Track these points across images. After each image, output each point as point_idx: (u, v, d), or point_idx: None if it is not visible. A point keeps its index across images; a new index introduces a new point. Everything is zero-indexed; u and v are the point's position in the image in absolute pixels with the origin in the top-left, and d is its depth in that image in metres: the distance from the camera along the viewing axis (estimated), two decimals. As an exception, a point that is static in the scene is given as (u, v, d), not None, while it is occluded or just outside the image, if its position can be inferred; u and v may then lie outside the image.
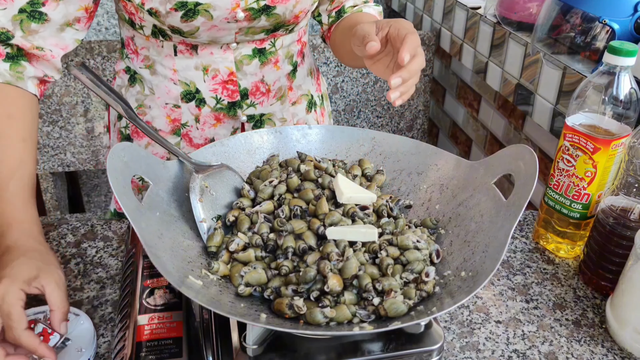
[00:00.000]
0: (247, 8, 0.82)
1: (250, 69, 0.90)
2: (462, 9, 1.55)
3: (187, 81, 0.89)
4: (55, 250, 0.85)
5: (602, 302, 0.80)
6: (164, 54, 0.88)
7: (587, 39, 1.03)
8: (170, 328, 0.64)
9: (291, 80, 0.96)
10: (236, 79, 0.89)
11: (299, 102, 0.99)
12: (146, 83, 0.92)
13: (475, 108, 1.68)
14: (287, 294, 0.58)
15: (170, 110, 0.92)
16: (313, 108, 1.03)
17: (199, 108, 0.91)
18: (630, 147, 0.74)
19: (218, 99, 0.90)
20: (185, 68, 0.88)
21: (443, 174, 0.72)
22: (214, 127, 0.93)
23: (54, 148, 1.70)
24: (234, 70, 0.88)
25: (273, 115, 0.96)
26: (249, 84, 0.91)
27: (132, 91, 0.94)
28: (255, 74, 0.91)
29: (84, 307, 0.75)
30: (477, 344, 0.72)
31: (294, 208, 0.66)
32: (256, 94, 0.92)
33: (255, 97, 0.92)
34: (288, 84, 0.96)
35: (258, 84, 0.92)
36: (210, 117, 0.92)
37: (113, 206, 1.07)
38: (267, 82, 0.93)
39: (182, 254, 0.61)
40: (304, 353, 0.57)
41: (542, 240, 0.91)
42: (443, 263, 0.64)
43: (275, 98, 0.95)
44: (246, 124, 0.94)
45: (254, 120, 0.94)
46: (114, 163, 0.58)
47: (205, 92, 0.90)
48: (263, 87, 0.92)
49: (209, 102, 0.91)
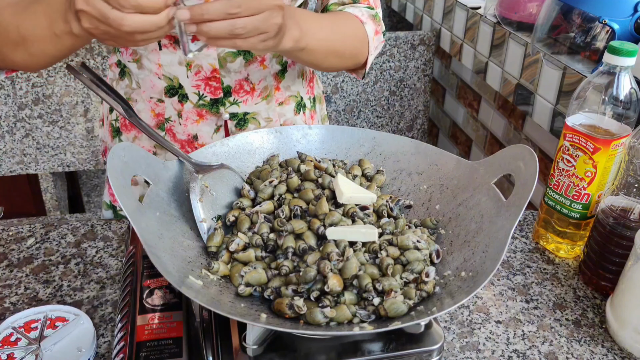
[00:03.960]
0: None
1: (234, 67, 0.89)
2: (462, 9, 1.55)
3: (171, 76, 0.89)
4: (55, 250, 0.86)
5: (602, 302, 0.80)
6: (150, 48, 0.88)
7: (587, 39, 1.03)
8: (170, 328, 0.64)
9: (279, 80, 0.95)
10: (219, 76, 0.89)
11: (287, 103, 0.98)
12: (134, 77, 0.92)
13: (475, 108, 1.68)
14: (287, 294, 0.58)
15: (155, 104, 0.92)
16: (302, 110, 1.01)
17: (181, 103, 0.90)
18: (630, 147, 0.74)
19: (201, 95, 0.90)
20: (170, 63, 0.88)
21: (443, 174, 0.72)
22: (196, 123, 0.92)
23: (54, 148, 1.70)
24: (217, 67, 0.88)
25: (258, 114, 0.94)
26: (232, 82, 0.90)
27: (122, 84, 0.94)
28: (240, 72, 0.90)
29: (84, 307, 0.75)
30: (477, 344, 0.72)
31: (294, 208, 0.66)
32: (239, 92, 0.91)
33: (238, 95, 0.91)
34: (275, 84, 0.94)
35: (242, 82, 0.91)
36: (193, 113, 0.91)
37: (107, 198, 1.07)
38: (251, 81, 0.91)
39: (182, 254, 0.61)
40: (304, 353, 0.57)
41: (542, 240, 0.91)
42: (443, 263, 0.64)
43: (260, 97, 0.93)
44: (229, 122, 0.93)
45: (237, 119, 0.93)
46: (114, 163, 0.58)
47: (188, 87, 0.89)
48: (247, 85, 0.91)
49: (191, 97, 0.90)
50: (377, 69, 1.81)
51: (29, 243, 0.87)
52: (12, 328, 0.69)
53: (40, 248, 0.86)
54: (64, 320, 0.70)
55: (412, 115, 1.93)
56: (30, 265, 0.82)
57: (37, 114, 1.64)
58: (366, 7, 0.91)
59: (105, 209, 1.07)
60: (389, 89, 1.86)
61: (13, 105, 1.61)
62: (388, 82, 1.85)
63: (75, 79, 1.63)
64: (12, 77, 1.59)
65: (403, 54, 1.81)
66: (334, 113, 1.86)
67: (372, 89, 1.85)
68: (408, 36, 1.78)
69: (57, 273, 0.81)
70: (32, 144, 1.68)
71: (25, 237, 0.88)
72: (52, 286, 0.78)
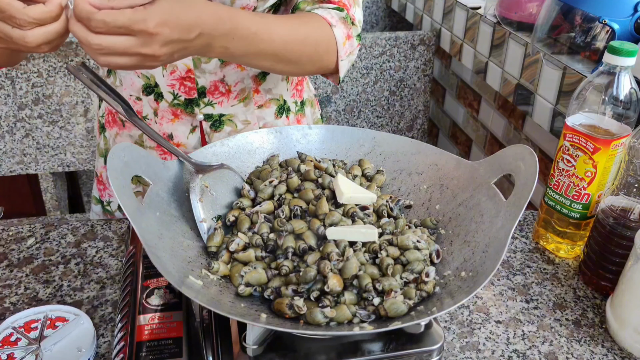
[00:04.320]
0: None
1: (209, 68, 0.88)
2: (462, 9, 1.55)
3: (148, 74, 0.89)
4: (56, 250, 0.86)
5: (602, 302, 0.80)
6: None
7: (587, 39, 1.03)
8: (170, 328, 0.64)
9: (258, 83, 0.93)
10: (194, 77, 0.88)
11: (267, 106, 0.96)
12: (117, 74, 0.92)
13: (475, 108, 1.68)
14: (287, 294, 0.58)
15: (133, 102, 0.92)
16: (285, 114, 0.99)
17: (157, 102, 0.90)
18: (630, 147, 0.74)
19: (175, 95, 0.89)
20: None
21: (443, 174, 0.72)
22: (172, 123, 0.92)
23: (54, 148, 1.70)
24: (191, 67, 0.87)
25: (234, 116, 0.93)
26: (207, 83, 0.89)
27: (109, 82, 0.94)
28: (215, 73, 0.89)
29: (84, 307, 0.75)
30: (477, 344, 0.72)
31: (294, 208, 0.66)
32: (214, 93, 0.90)
33: (213, 97, 0.90)
34: (254, 86, 0.93)
35: (217, 84, 0.90)
36: (168, 112, 0.91)
37: (96, 193, 1.07)
38: (227, 83, 0.90)
39: (182, 254, 0.61)
40: (304, 353, 0.57)
41: (542, 240, 0.91)
42: (443, 263, 0.64)
43: (237, 99, 0.92)
44: (204, 123, 0.92)
45: (212, 120, 0.92)
46: (114, 163, 0.58)
47: (163, 86, 0.89)
48: (223, 87, 0.90)
49: (166, 96, 0.90)
50: (377, 69, 1.81)
51: (29, 243, 0.87)
52: (12, 328, 0.69)
53: (40, 248, 0.86)
54: (64, 320, 0.70)
55: (412, 115, 1.93)
56: (30, 265, 0.82)
57: (37, 114, 1.64)
58: (334, 7, 0.83)
59: (95, 203, 1.07)
60: (389, 89, 1.86)
61: (13, 105, 1.61)
62: (388, 82, 1.85)
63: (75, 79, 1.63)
64: (12, 77, 1.59)
65: (403, 54, 1.81)
66: (334, 113, 1.86)
67: (372, 89, 1.85)
68: (408, 36, 1.78)
69: (57, 273, 0.81)
70: (32, 144, 1.68)
71: (25, 237, 0.88)
72: (52, 286, 0.79)
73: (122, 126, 0.96)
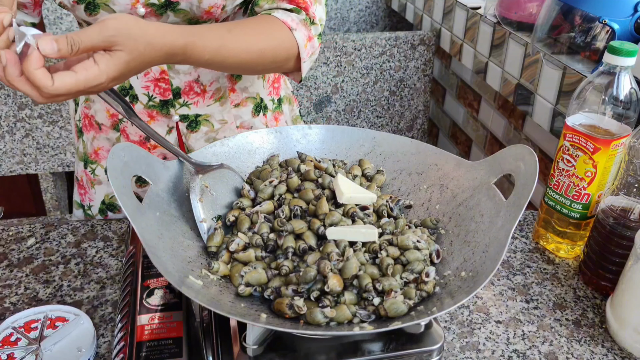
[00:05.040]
0: (148, 3, 0.79)
1: (183, 68, 0.88)
2: (462, 9, 1.55)
3: None
4: (56, 250, 0.86)
5: (602, 302, 0.80)
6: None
7: (587, 39, 1.03)
8: (170, 328, 0.64)
9: (234, 82, 0.93)
10: (168, 77, 0.88)
11: (244, 105, 0.96)
12: None
13: (475, 108, 1.68)
14: (287, 294, 0.58)
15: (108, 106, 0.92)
16: (262, 112, 0.99)
17: (132, 104, 0.90)
18: (630, 147, 0.74)
19: (150, 97, 0.89)
20: None
21: (443, 174, 0.72)
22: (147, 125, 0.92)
23: (54, 148, 1.70)
24: (165, 68, 0.87)
25: (211, 116, 0.93)
26: (181, 83, 0.89)
27: None
28: (190, 74, 0.88)
29: (84, 307, 0.75)
30: (477, 344, 0.72)
31: (294, 208, 0.66)
32: (189, 93, 0.90)
33: (188, 97, 0.90)
34: (229, 85, 0.93)
35: (192, 84, 0.89)
36: (144, 114, 0.91)
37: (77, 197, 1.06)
38: (202, 82, 0.90)
39: (182, 254, 0.61)
40: (304, 353, 0.57)
41: (542, 240, 0.91)
42: (443, 263, 0.64)
43: (212, 99, 0.92)
44: (180, 124, 0.92)
45: (188, 120, 0.92)
46: (114, 163, 0.58)
47: (138, 88, 0.89)
48: (198, 87, 0.90)
49: (141, 98, 0.89)
50: (377, 69, 1.81)
51: (29, 243, 0.87)
52: (12, 328, 0.69)
53: (40, 248, 0.86)
54: (64, 320, 0.70)
55: (412, 115, 1.93)
56: (30, 265, 0.82)
57: (37, 114, 1.64)
58: (292, 8, 0.83)
59: (76, 207, 1.06)
60: (389, 89, 1.86)
61: (13, 105, 1.61)
62: (388, 82, 1.85)
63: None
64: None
65: (403, 54, 1.81)
66: (334, 113, 1.86)
67: (372, 89, 1.85)
68: (408, 36, 1.78)
69: (57, 273, 0.81)
70: (32, 144, 1.68)
71: (25, 237, 0.88)
72: (52, 286, 0.79)
73: (99, 129, 0.95)
